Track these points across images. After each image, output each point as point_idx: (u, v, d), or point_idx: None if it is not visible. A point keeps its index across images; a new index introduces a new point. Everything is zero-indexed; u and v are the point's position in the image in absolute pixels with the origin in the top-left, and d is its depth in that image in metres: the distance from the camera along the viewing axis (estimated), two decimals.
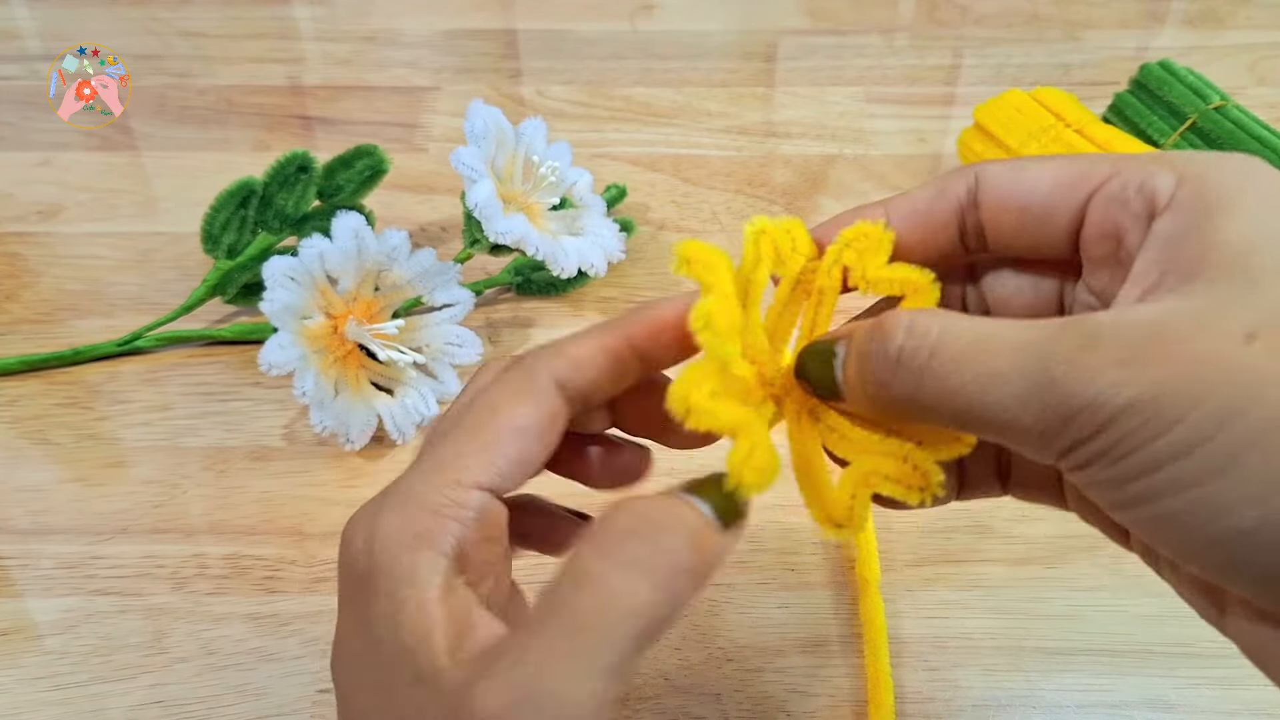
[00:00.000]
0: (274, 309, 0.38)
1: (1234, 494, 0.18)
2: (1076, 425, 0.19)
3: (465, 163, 0.42)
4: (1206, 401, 0.18)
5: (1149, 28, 0.66)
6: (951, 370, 0.20)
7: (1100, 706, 0.35)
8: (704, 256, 0.23)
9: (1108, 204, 0.22)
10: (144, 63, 0.61)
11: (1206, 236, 0.20)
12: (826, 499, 0.23)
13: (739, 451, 0.21)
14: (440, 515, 0.22)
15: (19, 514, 0.40)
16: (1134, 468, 0.19)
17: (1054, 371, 0.19)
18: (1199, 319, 0.19)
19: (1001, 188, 0.23)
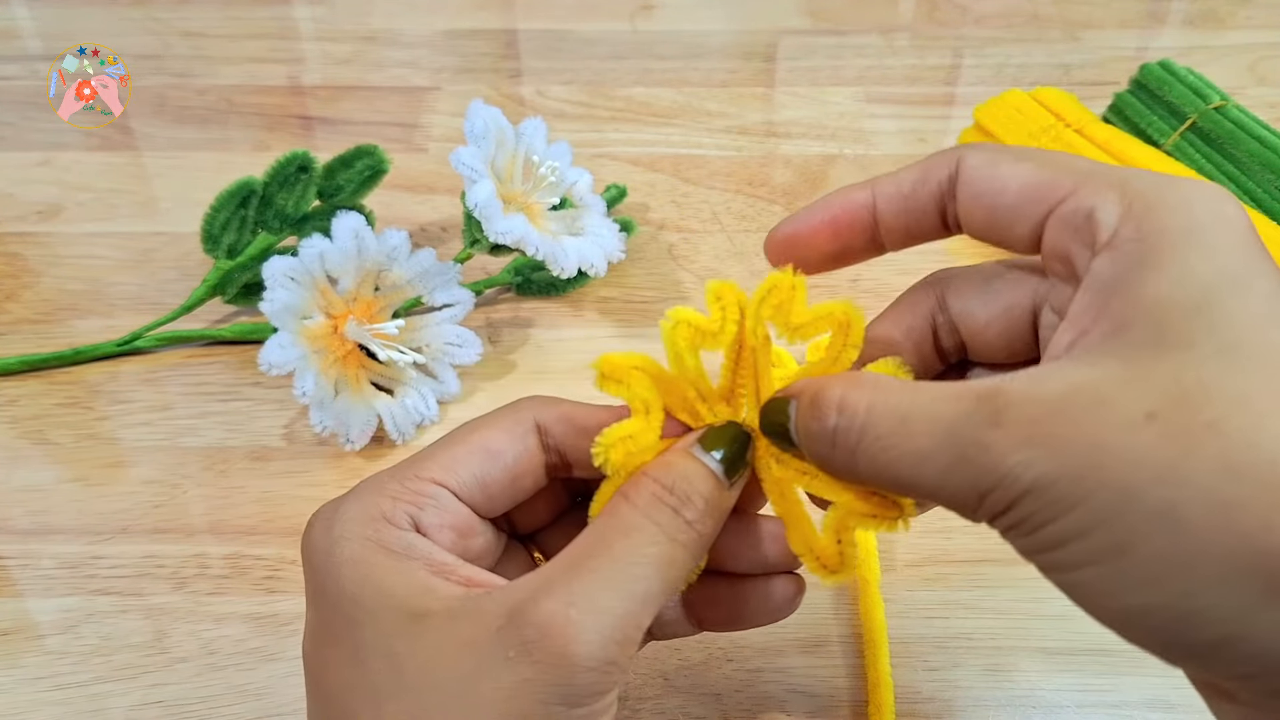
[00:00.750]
0: (274, 309, 0.38)
1: (1126, 578, 0.19)
2: (990, 501, 0.20)
3: (465, 163, 0.42)
4: (1102, 487, 0.19)
5: (1149, 28, 0.66)
6: (879, 451, 0.21)
7: (1100, 706, 0.35)
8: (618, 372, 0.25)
9: (1060, 227, 0.22)
10: (144, 63, 0.61)
11: (1134, 290, 0.20)
12: (815, 546, 0.25)
13: (624, 427, 0.23)
14: (398, 500, 0.25)
15: (19, 514, 0.40)
16: (1040, 543, 0.20)
17: (967, 452, 0.20)
18: (1104, 395, 0.19)
19: (975, 185, 0.24)
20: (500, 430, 0.26)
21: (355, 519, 0.24)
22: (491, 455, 0.26)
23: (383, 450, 0.42)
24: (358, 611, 0.23)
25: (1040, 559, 0.20)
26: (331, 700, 0.24)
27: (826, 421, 0.22)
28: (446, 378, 0.43)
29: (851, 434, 0.22)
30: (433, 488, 0.25)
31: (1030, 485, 0.19)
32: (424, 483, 0.25)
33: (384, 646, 0.23)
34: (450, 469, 0.25)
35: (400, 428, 0.42)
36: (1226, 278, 0.20)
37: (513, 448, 0.26)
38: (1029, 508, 0.19)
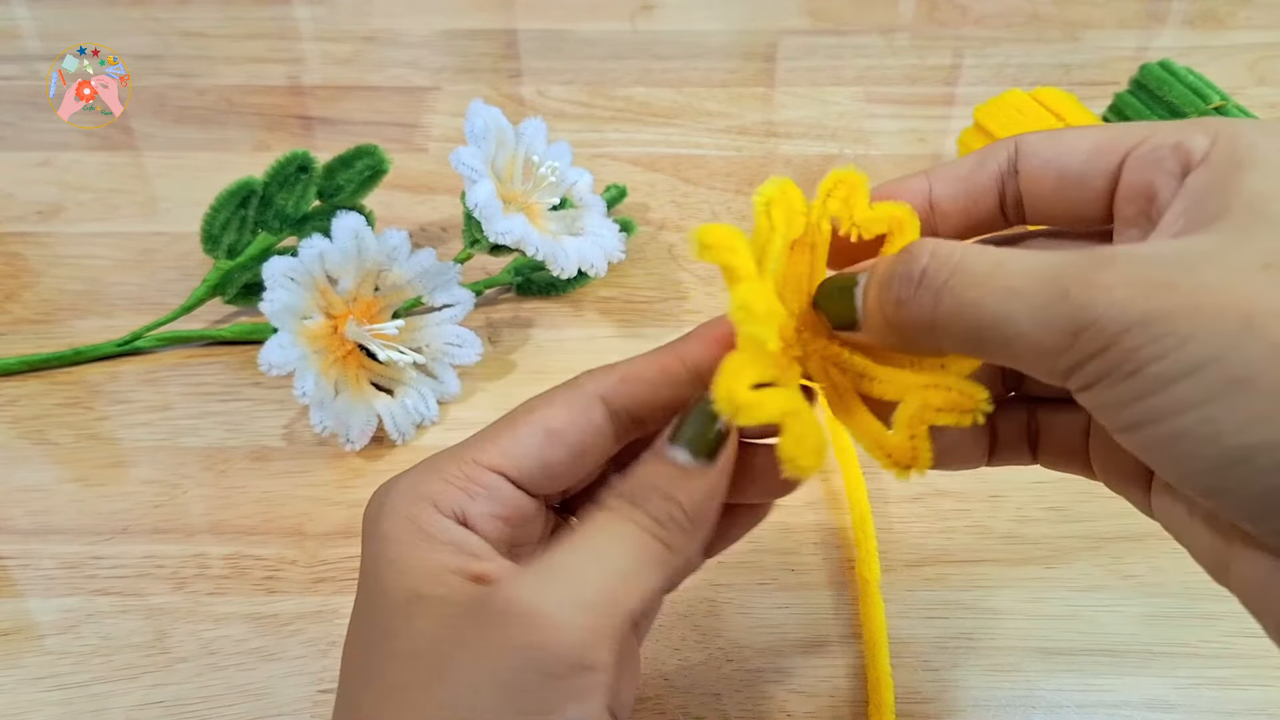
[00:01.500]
0: (274, 309, 0.38)
1: (1240, 414, 0.18)
2: (1086, 339, 0.19)
3: (465, 163, 0.42)
4: (1218, 322, 0.18)
5: (1149, 28, 0.66)
6: (969, 286, 0.20)
7: (1100, 706, 0.35)
8: (723, 240, 0.23)
9: (1142, 163, 0.22)
10: (144, 63, 0.61)
11: (1232, 187, 0.20)
12: (886, 443, 0.23)
13: (790, 438, 0.22)
14: (450, 484, 0.24)
15: (19, 514, 0.40)
16: (1141, 386, 0.19)
17: (1068, 286, 0.19)
18: (1216, 251, 0.19)
19: (1040, 154, 0.24)
20: (561, 407, 0.25)
21: (403, 496, 0.24)
22: (553, 436, 0.25)
23: (383, 450, 0.42)
24: (375, 589, 0.24)
25: (1133, 410, 0.19)
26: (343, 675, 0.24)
27: (916, 263, 0.21)
28: (446, 378, 0.43)
29: (942, 273, 0.21)
30: (489, 476, 0.24)
31: (1138, 319, 0.18)
32: (481, 470, 0.24)
33: (384, 625, 0.23)
34: (510, 453, 0.25)
35: (400, 428, 0.42)
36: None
37: (575, 424, 0.25)
38: (1132, 343, 0.18)
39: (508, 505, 0.25)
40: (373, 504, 0.25)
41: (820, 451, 0.22)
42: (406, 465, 0.35)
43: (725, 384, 0.22)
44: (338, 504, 0.40)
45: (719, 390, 0.22)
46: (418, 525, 0.24)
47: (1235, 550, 0.21)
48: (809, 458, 0.22)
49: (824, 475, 0.41)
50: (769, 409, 0.22)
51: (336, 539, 0.39)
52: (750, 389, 0.22)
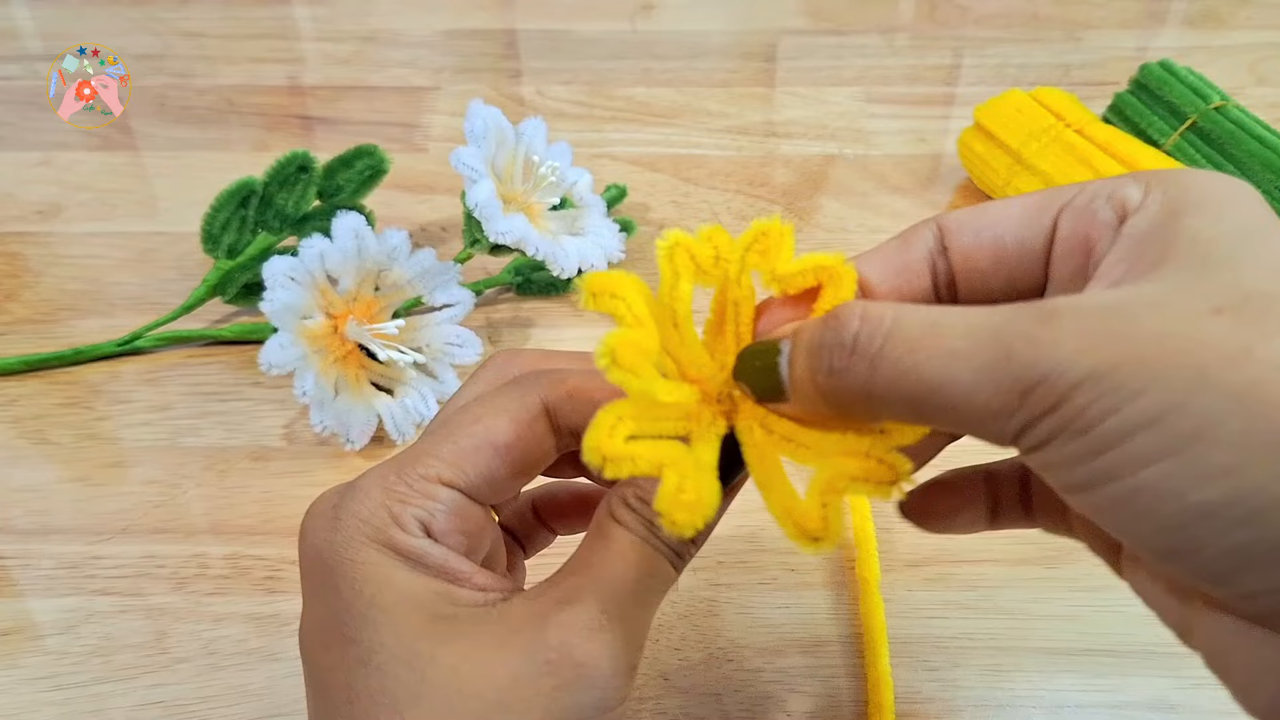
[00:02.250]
0: (274, 309, 0.38)
1: (1201, 468, 0.17)
2: (1034, 399, 0.18)
3: (465, 163, 0.42)
4: (1172, 372, 0.17)
5: (1149, 28, 0.66)
6: (905, 352, 0.19)
7: (1100, 707, 0.35)
8: (610, 286, 0.22)
9: (1077, 216, 0.22)
10: (144, 63, 0.61)
11: (1171, 232, 0.20)
12: (796, 512, 0.22)
13: (666, 489, 0.20)
14: (407, 503, 0.24)
15: (19, 514, 0.40)
16: (1093, 443, 0.18)
17: (1011, 344, 0.18)
18: (1162, 298, 0.18)
19: (970, 227, 0.23)
20: (508, 419, 0.25)
21: (364, 518, 0.24)
22: (500, 451, 0.24)
23: (383, 450, 0.42)
24: (374, 612, 0.23)
25: (1087, 469, 0.18)
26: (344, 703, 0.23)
27: (847, 330, 0.20)
28: (446, 378, 0.43)
29: (875, 339, 0.20)
30: (443, 491, 0.24)
31: (1087, 374, 0.17)
32: (433, 485, 0.24)
33: (405, 650, 0.22)
34: (459, 467, 0.24)
35: (400, 428, 0.42)
36: (1259, 224, 0.20)
37: (521, 440, 0.24)
38: (1083, 400, 0.17)
39: (464, 517, 0.24)
40: (322, 528, 0.24)
41: (698, 509, 0.20)
42: None
43: (594, 435, 0.21)
44: None
45: (586, 440, 0.21)
46: (395, 548, 0.23)
47: (1197, 613, 0.20)
48: (682, 514, 0.20)
49: None
50: (641, 463, 0.21)
51: None
52: (625, 440, 0.21)
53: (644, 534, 0.23)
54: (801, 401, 0.22)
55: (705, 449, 0.22)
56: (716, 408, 0.23)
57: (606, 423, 0.21)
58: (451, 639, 0.22)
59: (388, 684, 0.22)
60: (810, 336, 0.21)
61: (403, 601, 0.23)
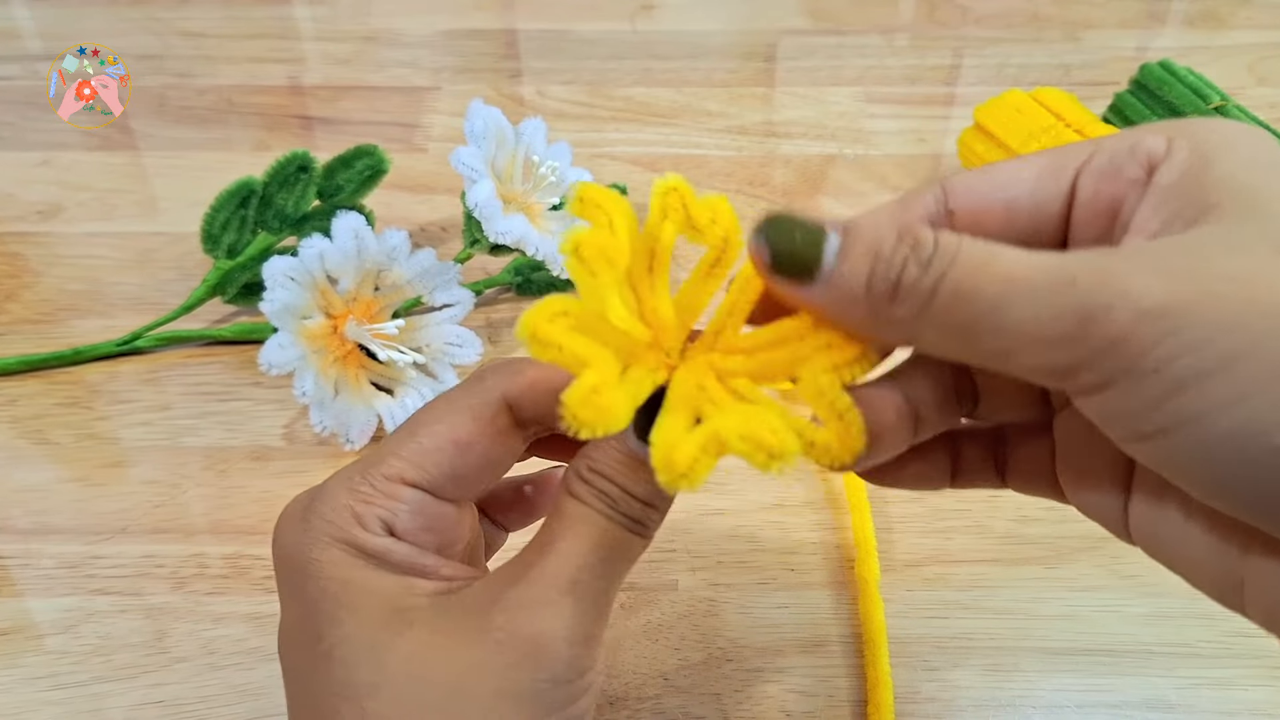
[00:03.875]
0: (274, 309, 0.38)
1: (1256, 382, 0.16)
2: (1096, 330, 0.17)
3: (465, 163, 0.42)
4: (1248, 309, 0.16)
5: (1149, 28, 0.66)
6: (969, 273, 0.18)
7: (1100, 706, 0.35)
8: (600, 198, 0.21)
9: (1099, 176, 0.21)
10: (144, 63, 0.61)
11: (1209, 179, 0.19)
12: (673, 445, 0.20)
13: (581, 385, 0.19)
14: (370, 504, 0.24)
15: (19, 514, 0.40)
16: (1163, 385, 0.17)
17: (1075, 273, 0.17)
18: (1224, 239, 0.18)
19: (977, 189, 0.22)
20: (468, 417, 0.25)
21: (328, 519, 0.24)
22: (462, 448, 0.24)
23: None
24: (338, 610, 0.23)
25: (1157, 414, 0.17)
26: (312, 699, 0.23)
27: (923, 251, 0.19)
28: (446, 378, 0.43)
29: (946, 257, 0.19)
30: (405, 490, 0.24)
31: (1158, 308, 0.17)
32: (395, 485, 0.24)
33: (366, 642, 0.23)
34: (421, 467, 0.24)
35: None
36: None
37: (483, 435, 0.25)
38: (1153, 334, 0.17)
39: (429, 515, 0.24)
40: (291, 531, 0.25)
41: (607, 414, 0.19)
42: None
43: (531, 315, 0.20)
44: None
45: (522, 318, 0.20)
46: (358, 548, 0.24)
47: (1253, 564, 0.20)
48: (589, 412, 0.19)
49: (824, 476, 0.41)
50: (566, 353, 0.20)
51: None
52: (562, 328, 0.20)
53: (598, 506, 0.23)
54: (838, 295, 0.20)
55: (636, 381, 0.21)
56: (663, 359, 0.22)
57: (549, 309, 0.20)
58: (410, 628, 0.23)
59: (349, 676, 0.23)
60: (884, 244, 0.19)
61: (365, 597, 0.23)
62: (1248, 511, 0.18)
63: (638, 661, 0.36)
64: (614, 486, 0.23)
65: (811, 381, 0.21)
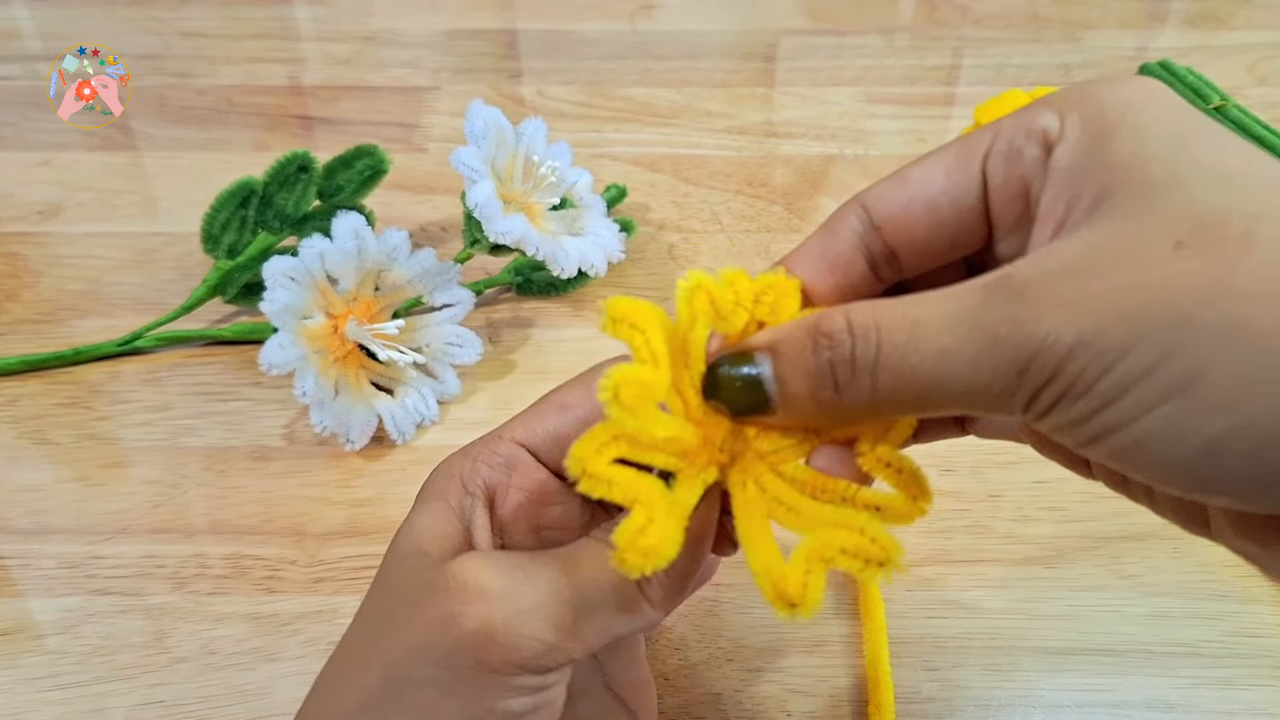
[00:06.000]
0: (274, 309, 0.38)
1: (1198, 409, 0.17)
2: (1031, 375, 0.19)
3: (465, 163, 0.42)
4: (1152, 321, 0.18)
5: (1149, 28, 0.66)
6: (899, 358, 0.20)
7: (1100, 706, 0.35)
8: (632, 316, 0.22)
9: (1003, 162, 0.21)
10: (144, 63, 0.61)
11: (1102, 159, 0.20)
12: (778, 576, 0.21)
13: (630, 525, 0.20)
14: (478, 460, 0.26)
15: (19, 514, 0.40)
16: (1094, 402, 0.18)
17: (996, 331, 0.19)
18: (1119, 243, 0.19)
19: (896, 198, 0.23)
20: (578, 386, 0.27)
21: (441, 474, 0.27)
22: (565, 409, 0.26)
23: (383, 450, 0.42)
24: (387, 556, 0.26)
25: (1092, 425, 0.19)
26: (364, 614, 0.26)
27: (842, 348, 0.20)
28: (446, 378, 0.43)
29: (870, 350, 0.20)
30: (511, 447, 0.26)
31: (1075, 341, 0.18)
32: (504, 442, 0.26)
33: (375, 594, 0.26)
34: (529, 426, 0.27)
35: (400, 428, 0.42)
36: (1184, 128, 0.20)
37: (587, 400, 0.26)
38: (1078, 366, 0.18)
39: (528, 477, 0.26)
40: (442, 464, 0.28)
41: (653, 555, 0.20)
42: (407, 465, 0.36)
43: (581, 447, 0.21)
44: (338, 504, 0.40)
45: (572, 449, 0.21)
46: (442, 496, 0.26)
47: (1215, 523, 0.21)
48: (636, 556, 0.20)
49: None
50: (616, 490, 0.21)
51: (336, 539, 0.39)
52: (610, 461, 0.21)
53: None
54: (795, 416, 0.22)
55: (687, 491, 0.22)
56: (714, 455, 0.23)
57: (598, 438, 0.21)
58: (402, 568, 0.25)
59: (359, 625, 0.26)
60: (806, 358, 0.21)
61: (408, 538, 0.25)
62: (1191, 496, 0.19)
63: None
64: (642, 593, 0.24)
65: (871, 454, 0.22)
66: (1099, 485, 0.25)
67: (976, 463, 0.41)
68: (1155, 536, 0.39)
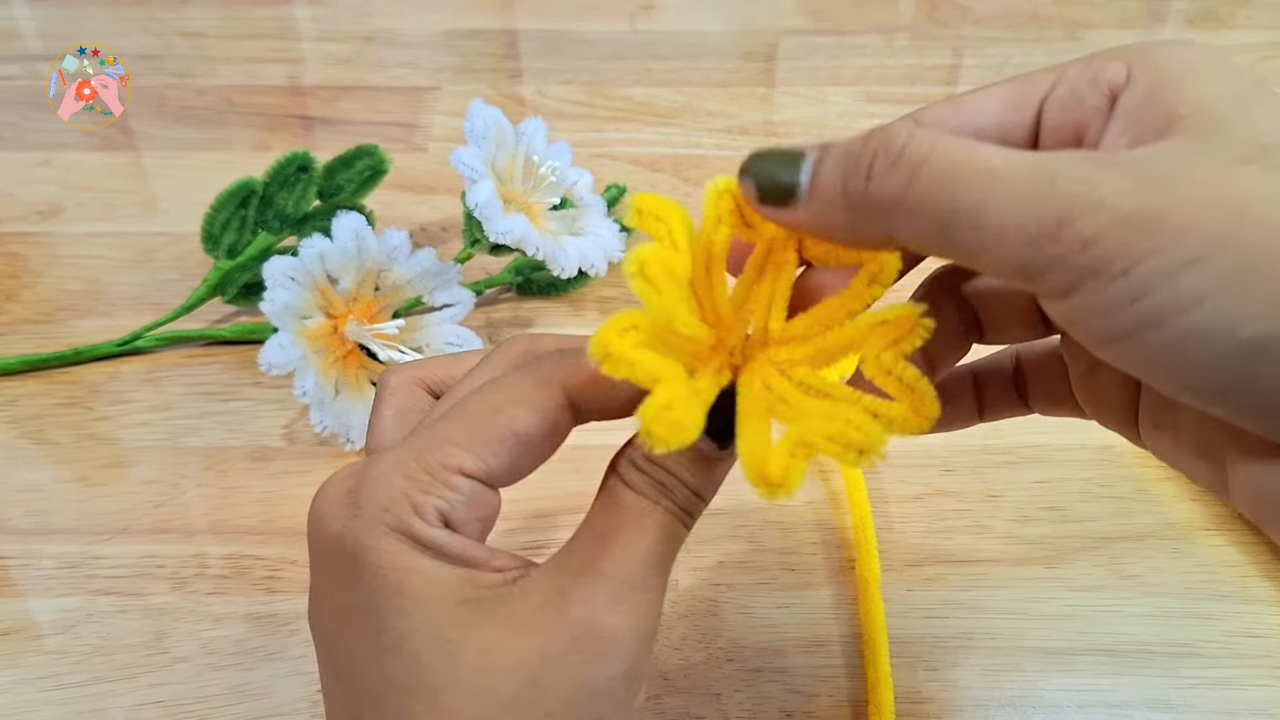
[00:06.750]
0: (274, 309, 0.38)
1: (1250, 303, 0.17)
2: (1071, 231, 0.18)
3: (465, 163, 0.42)
4: (1214, 212, 0.17)
5: (1149, 28, 0.66)
6: (947, 165, 0.19)
7: (1100, 706, 0.35)
8: (658, 209, 0.22)
9: (1062, 107, 0.21)
10: (144, 63, 0.61)
11: (1171, 99, 0.20)
12: (762, 458, 0.21)
13: (654, 402, 0.20)
14: (428, 493, 0.23)
15: (19, 514, 0.40)
16: (1134, 285, 0.17)
17: (1055, 174, 0.18)
18: (1191, 152, 0.19)
19: (946, 122, 0.23)
20: (530, 408, 0.24)
21: (385, 506, 0.23)
22: (522, 441, 0.24)
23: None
24: (402, 600, 0.22)
25: (1127, 314, 0.18)
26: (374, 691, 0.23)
27: (894, 141, 0.20)
28: None
29: (921, 150, 0.19)
30: (463, 481, 0.23)
31: (1132, 212, 0.17)
32: (455, 475, 0.23)
33: (436, 636, 0.22)
34: (480, 457, 0.23)
35: None
36: (1249, 84, 0.20)
37: (543, 429, 0.24)
38: (1124, 238, 0.17)
39: (484, 507, 0.24)
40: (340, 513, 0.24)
41: (680, 429, 0.20)
42: None
43: (604, 331, 0.20)
44: None
45: (595, 335, 0.20)
46: (415, 538, 0.23)
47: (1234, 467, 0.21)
48: (663, 428, 0.20)
49: (824, 475, 0.41)
50: (639, 369, 0.20)
51: None
52: (631, 345, 0.21)
53: (654, 495, 0.23)
54: (818, 206, 0.21)
55: (706, 385, 0.22)
56: (726, 358, 0.23)
57: (619, 324, 0.21)
58: (479, 623, 0.22)
59: (421, 671, 0.22)
60: (850, 143, 0.21)
61: (430, 588, 0.22)
62: (1218, 405, 0.19)
63: None
64: (670, 476, 0.23)
65: (875, 361, 0.22)
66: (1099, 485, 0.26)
67: (976, 463, 0.41)
68: (1155, 536, 0.39)
